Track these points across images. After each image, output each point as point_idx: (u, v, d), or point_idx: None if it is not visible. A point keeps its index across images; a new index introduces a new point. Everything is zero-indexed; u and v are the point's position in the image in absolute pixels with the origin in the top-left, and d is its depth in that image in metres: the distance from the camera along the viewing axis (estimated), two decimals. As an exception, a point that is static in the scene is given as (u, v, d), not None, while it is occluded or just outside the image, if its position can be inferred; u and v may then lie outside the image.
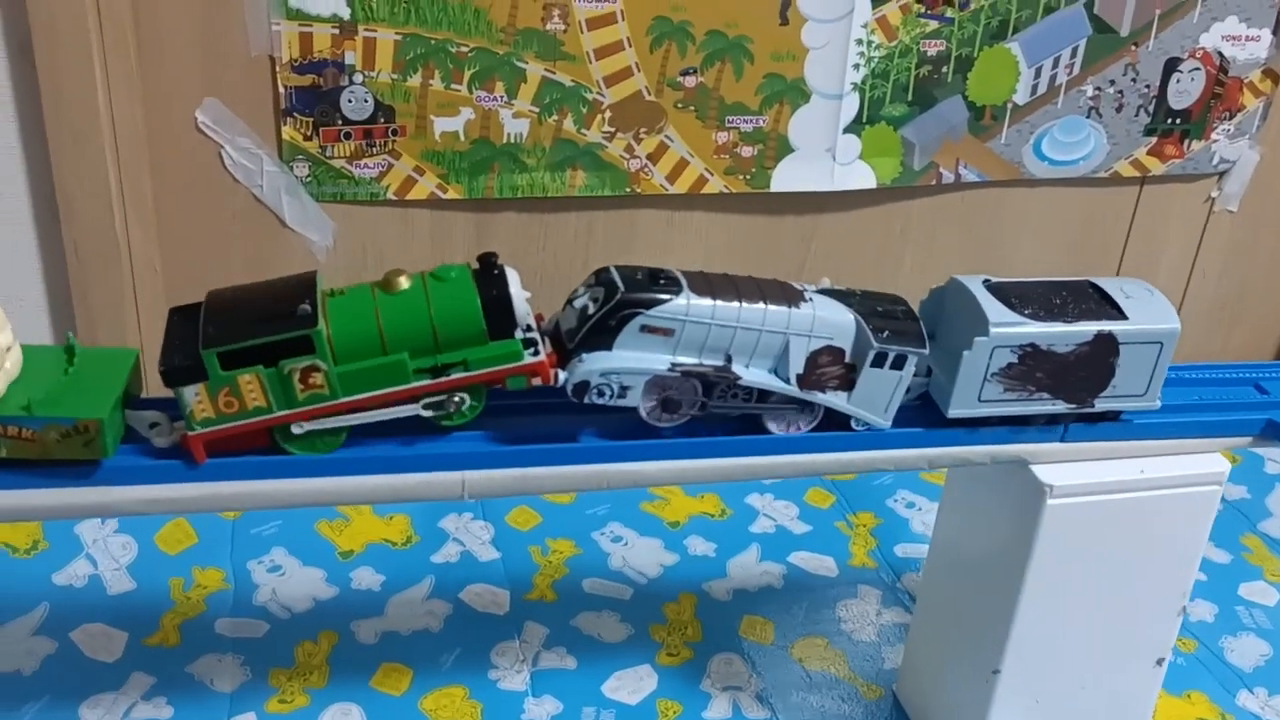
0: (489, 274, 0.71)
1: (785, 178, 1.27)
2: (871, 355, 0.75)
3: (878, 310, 0.77)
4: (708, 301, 0.72)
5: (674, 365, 0.73)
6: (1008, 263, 1.41)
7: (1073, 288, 0.82)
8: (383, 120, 1.13)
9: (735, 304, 0.73)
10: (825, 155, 1.27)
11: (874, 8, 1.20)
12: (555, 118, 1.17)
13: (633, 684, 1.01)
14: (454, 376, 0.70)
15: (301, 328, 0.67)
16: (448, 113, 1.14)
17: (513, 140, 1.17)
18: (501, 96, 1.15)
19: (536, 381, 0.71)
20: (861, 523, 1.25)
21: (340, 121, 1.12)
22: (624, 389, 0.72)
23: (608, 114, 1.18)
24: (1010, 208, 1.38)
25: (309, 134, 1.12)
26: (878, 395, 0.77)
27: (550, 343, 0.74)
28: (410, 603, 1.08)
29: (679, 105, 1.20)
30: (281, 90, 1.09)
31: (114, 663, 0.98)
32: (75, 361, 0.69)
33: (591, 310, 0.72)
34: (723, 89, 1.20)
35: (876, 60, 1.23)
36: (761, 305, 0.73)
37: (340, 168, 1.14)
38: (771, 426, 0.77)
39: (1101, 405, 0.81)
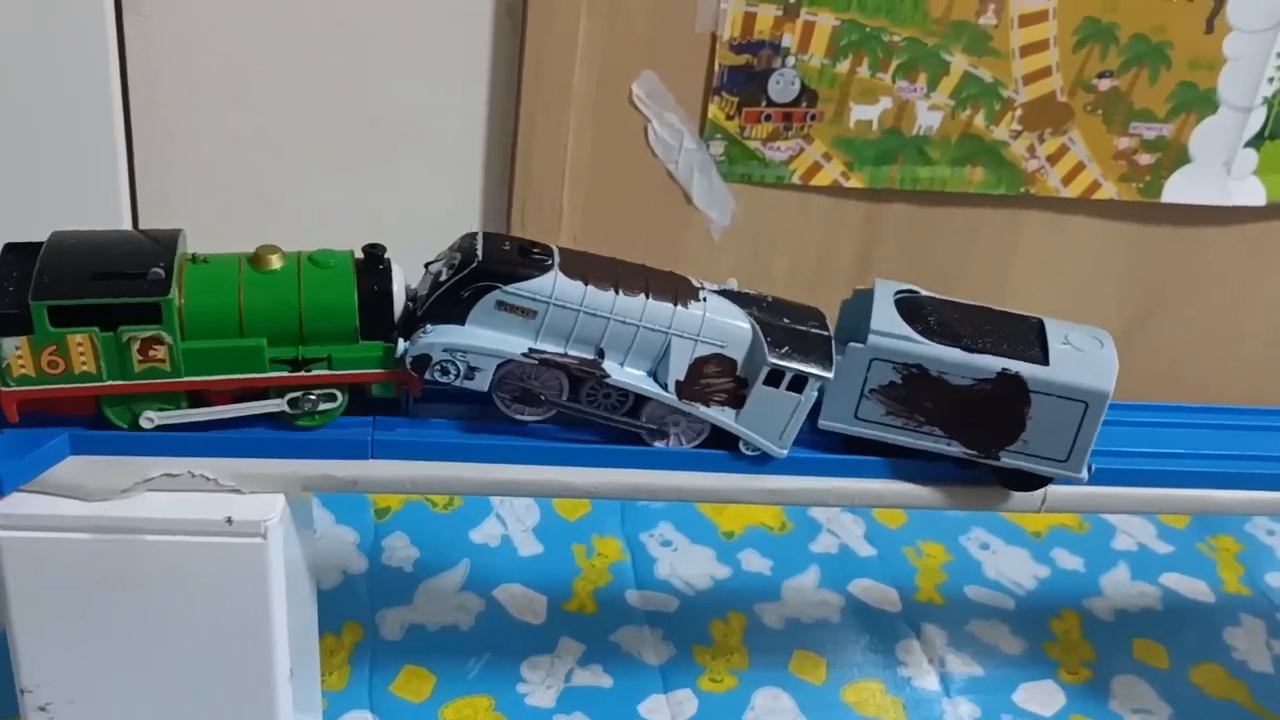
0: (372, 267, 0.64)
1: (1177, 189, 1.23)
2: (765, 372, 0.66)
3: (783, 322, 0.68)
4: (578, 284, 0.64)
5: (531, 351, 0.65)
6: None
7: (1013, 321, 0.71)
8: (804, 104, 1.12)
9: (610, 292, 0.64)
10: (1220, 169, 1.23)
11: (1301, 20, 1.16)
12: (968, 112, 1.15)
13: (1041, 698, 1.00)
14: (315, 373, 0.64)
15: (150, 294, 0.59)
16: (867, 100, 1.13)
17: (922, 132, 1.15)
18: (922, 88, 1.13)
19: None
20: (1223, 547, 1.22)
21: (764, 103, 1.11)
22: (472, 370, 0.64)
23: (1018, 112, 1.16)
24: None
25: (731, 113, 1.12)
26: (771, 418, 0.68)
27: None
28: (802, 590, 1.08)
29: (1088, 108, 1.17)
30: (716, 68, 1.09)
31: (540, 625, 0.99)
32: None
33: (444, 277, 0.64)
34: (1134, 94, 1.17)
35: (1292, 74, 1.19)
36: (642, 298, 0.65)
37: (754, 149, 1.14)
38: (648, 437, 0.69)
39: (1009, 461, 0.70)
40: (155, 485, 0.63)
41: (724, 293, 0.68)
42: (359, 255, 0.65)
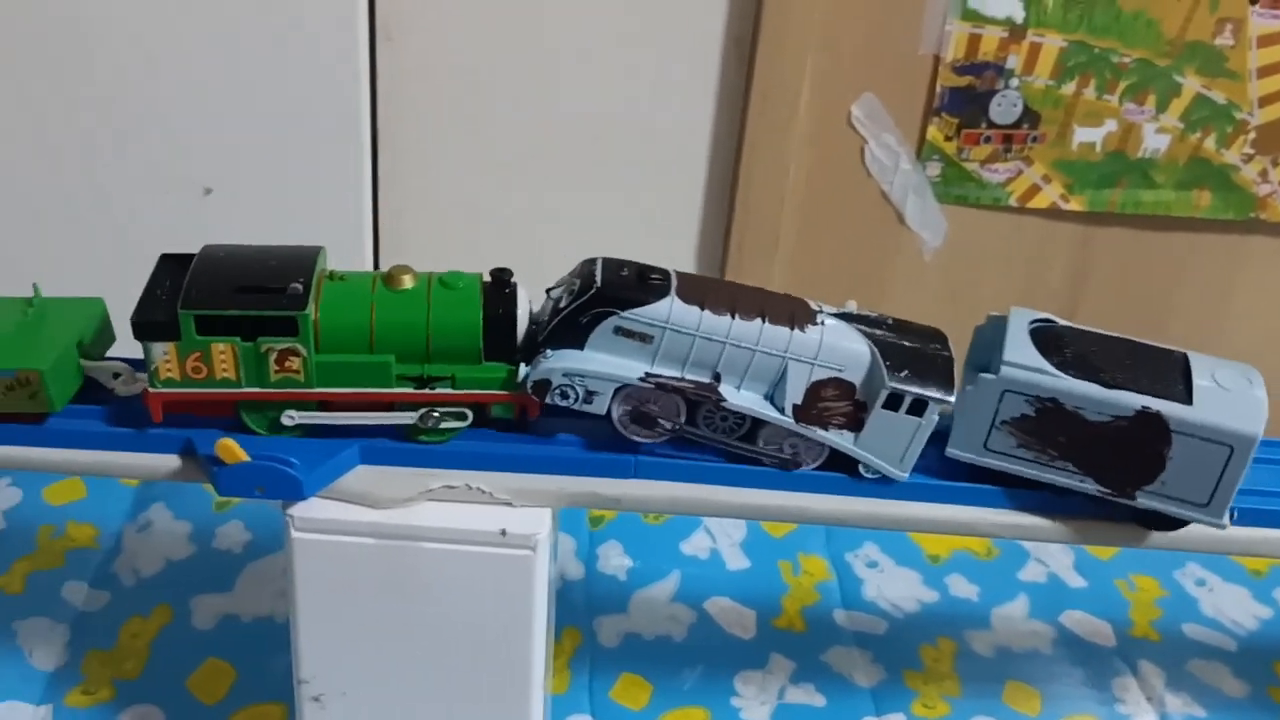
0: (499, 290, 0.66)
1: None
2: (884, 395, 0.65)
3: (904, 345, 0.67)
4: (694, 310, 0.64)
5: (648, 375, 0.65)
6: None
7: (1156, 355, 0.67)
8: (1026, 126, 1.11)
9: (726, 317, 0.65)
10: None
11: None
12: (1197, 135, 1.12)
13: (1269, 745, 0.97)
14: (438, 391, 0.66)
15: (289, 308, 0.63)
16: (1091, 122, 1.11)
17: (1147, 155, 1.12)
18: (1150, 110, 1.10)
19: None
20: None
21: (984, 124, 1.10)
22: (590, 394, 0.65)
23: (1251, 135, 1.12)
24: None
25: (950, 135, 1.11)
26: (892, 441, 0.67)
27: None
28: (1012, 619, 1.06)
29: (1327, 131, 1.12)
30: (938, 90, 1.09)
31: (750, 640, 1.01)
32: (32, 313, 0.67)
33: (564, 303, 0.65)
34: (1380, 117, 1.12)
35: None
36: (758, 322, 0.65)
37: (971, 170, 1.13)
38: (768, 462, 0.69)
39: (1145, 502, 0.67)
40: (434, 495, 0.67)
41: (843, 315, 0.68)
42: (486, 278, 0.67)
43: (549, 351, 0.66)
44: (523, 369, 0.66)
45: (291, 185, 1.05)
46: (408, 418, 0.67)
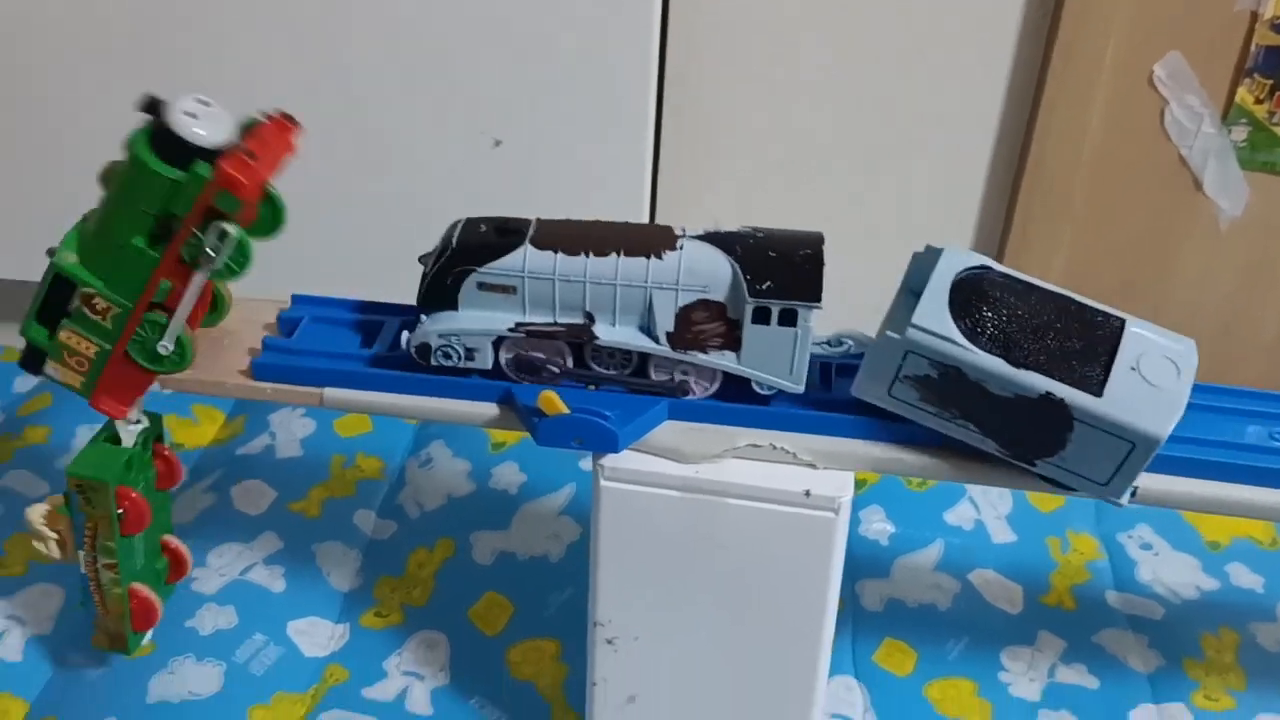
0: (156, 120, 0.66)
1: None
2: (749, 310, 0.65)
3: (769, 255, 0.65)
4: (548, 255, 0.65)
5: (519, 325, 0.67)
6: None
7: (1088, 324, 0.64)
8: (1351, 88, 1.02)
9: (580, 257, 0.65)
10: None
11: None
12: None
13: None
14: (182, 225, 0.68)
15: (51, 270, 0.69)
16: None
17: None
18: None
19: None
20: None
21: (1303, 86, 1.03)
22: (470, 350, 0.68)
23: None
24: None
25: (1261, 97, 1.04)
26: (775, 355, 0.66)
27: None
28: (1302, 615, 1.00)
29: None
30: (1252, 49, 1.01)
31: (1018, 615, 0.99)
32: None
33: (429, 268, 0.67)
34: None
35: None
36: (613, 257, 0.65)
37: (1283, 135, 1.05)
38: (666, 394, 0.69)
39: (1044, 470, 0.65)
40: (740, 453, 0.68)
41: (707, 236, 0.67)
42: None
43: (423, 316, 0.69)
44: (404, 336, 0.69)
45: (577, 139, 1.07)
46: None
